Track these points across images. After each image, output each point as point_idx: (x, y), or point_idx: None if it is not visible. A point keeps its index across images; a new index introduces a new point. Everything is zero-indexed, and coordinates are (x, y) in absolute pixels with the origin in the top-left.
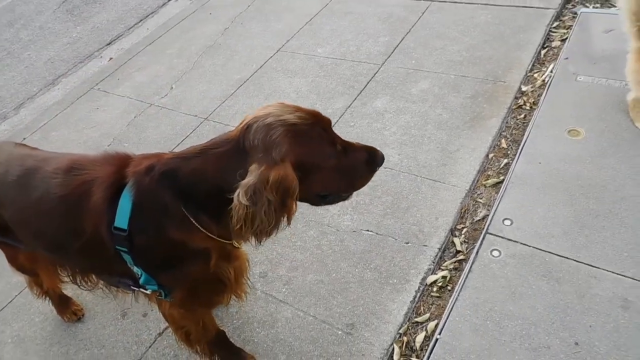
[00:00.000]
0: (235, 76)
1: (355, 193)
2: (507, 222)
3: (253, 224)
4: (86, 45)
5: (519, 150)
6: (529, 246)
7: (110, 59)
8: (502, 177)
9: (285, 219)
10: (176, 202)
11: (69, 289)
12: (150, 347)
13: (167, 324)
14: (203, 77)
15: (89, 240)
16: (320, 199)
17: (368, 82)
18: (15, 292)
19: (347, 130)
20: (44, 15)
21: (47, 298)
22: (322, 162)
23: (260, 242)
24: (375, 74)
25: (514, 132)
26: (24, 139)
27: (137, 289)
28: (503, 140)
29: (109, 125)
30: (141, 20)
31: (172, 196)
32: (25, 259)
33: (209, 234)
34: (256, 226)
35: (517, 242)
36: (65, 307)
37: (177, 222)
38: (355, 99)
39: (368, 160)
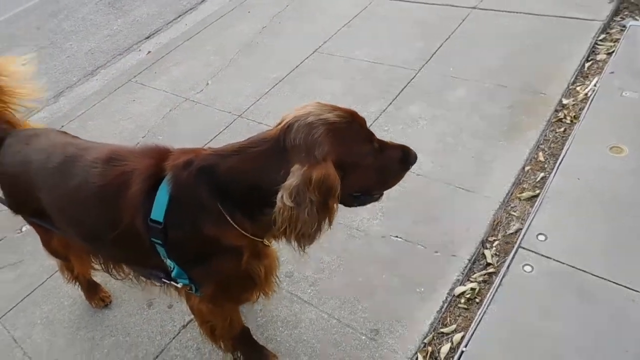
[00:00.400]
0: (271, 75)
1: (385, 197)
2: (541, 237)
3: (297, 226)
4: (126, 38)
5: (557, 165)
6: (564, 263)
7: (149, 52)
8: (537, 191)
9: (327, 221)
10: (212, 199)
11: (98, 276)
12: (174, 338)
13: (191, 317)
14: (238, 74)
15: (124, 231)
16: (353, 199)
17: (404, 87)
18: (47, 275)
19: (381, 134)
20: (87, 7)
21: (77, 283)
22: (361, 160)
23: (303, 247)
24: (411, 80)
25: (552, 145)
26: (62, 126)
27: (168, 282)
28: (540, 153)
29: (144, 118)
30: (180, 16)
31: (209, 192)
32: (58, 244)
33: (243, 232)
34: (299, 229)
35: (550, 258)
36: (94, 293)
37: (213, 219)
38: (391, 103)
39: (402, 159)
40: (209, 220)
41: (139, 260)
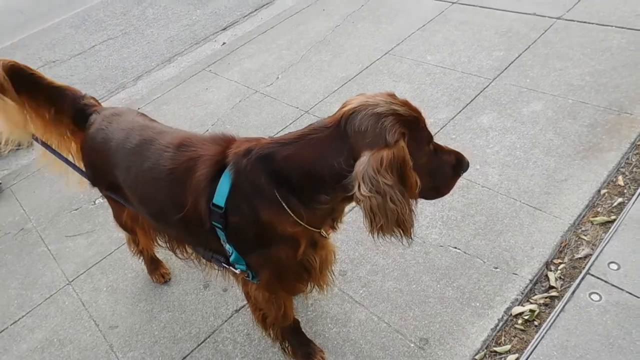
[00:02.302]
0: (340, 74)
1: (447, 207)
2: (614, 266)
3: (388, 214)
4: (203, 28)
5: (638, 191)
6: (637, 297)
7: (224, 43)
8: (613, 217)
9: (414, 198)
10: (270, 186)
11: (160, 253)
12: (226, 321)
13: (244, 303)
14: (309, 71)
15: (188, 213)
16: None
17: (476, 96)
18: (114, 247)
19: (448, 143)
20: None
21: (141, 257)
22: (418, 158)
23: (408, 235)
24: (484, 89)
25: (634, 170)
26: (139, 108)
27: (227, 266)
28: (620, 177)
29: (214, 106)
30: (256, 10)
31: (267, 179)
32: (128, 218)
33: (298, 219)
34: (392, 216)
35: (622, 289)
36: (155, 269)
37: (269, 205)
38: (460, 111)
39: (455, 165)
40: (266, 206)
41: (201, 243)
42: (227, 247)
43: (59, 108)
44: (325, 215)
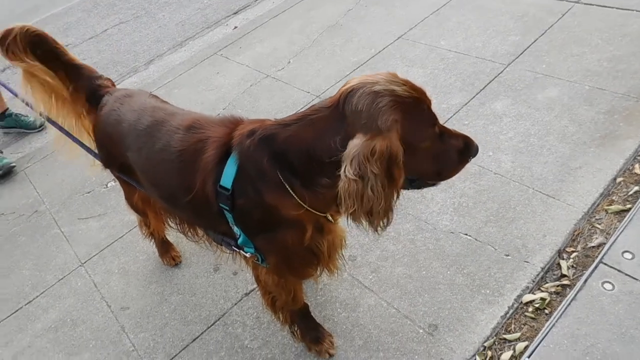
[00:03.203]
0: (352, 58)
1: (459, 193)
2: (628, 256)
3: (362, 201)
4: (215, 12)
5: None
6: None
7: (235, 27)
8: (628, 205)
9: (395, 196)
10: (272, 167)
11: (171, 236)
12: (235, 304)
13: (254, 286)
14: (320, 55)
15: (197, 195)
16: (407, 182)
17: (490, 82)
18: (126, 230)
19: (461, 128)
20: None
21: (152, 240)
22: (420, 142)
23: (376, 227)
24: (499, 74)
25: None
26: (150, 92)
27: (237, 250)
28: (637, 165)
29: (225, 90)
30: None
31: (269, 161)
32: (139, 199)
33: (300, 201)
34: (366, 205)
35: (636, 279)
36: (166, 252)
37: (273, 187)
38: (474, 97)
39: (462, 149)
40: (270, 188)
41: (210, 225)
42: (235, 229)
43: (76, 85)
44: (330, 200)
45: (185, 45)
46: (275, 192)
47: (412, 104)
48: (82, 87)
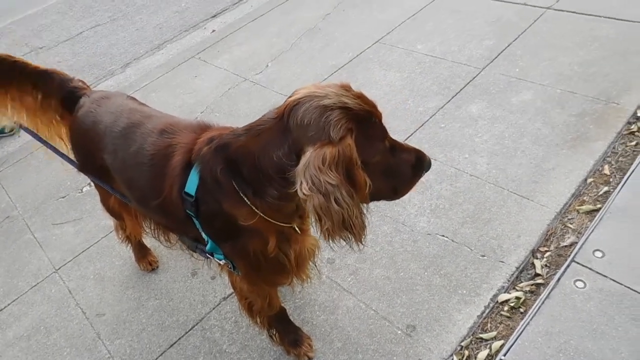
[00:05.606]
0: (330, 62)
1: (435, 195)
2: (598, 254)
3: (332, 216)
4: (193, 15)
5: (623, 180)
6: (621, 284)
7: (213, 31)
8: (599, 205)
9: (365, 199)
10: (227, 176)
11: (148, 241)
12: (214, 308)
13: (232, 291)
14: (299, 59)
15: (166, 199)
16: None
17: (465, 85)
18: (102, 235)
19: (437, 131)
20: None
21: (129, 244)
22: (370, 157)
23: (358, 240)
24: (474, 78)
25: (620, 159)
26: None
27: (211, 257)
28: (606, 167)
29: (204, 94)
30: None
31: (224, 170)
32: (115, 202)
33: (256, 210)
34: (337, 219)
35: (606, 277)
36: (143, 256)
37: (229, 195)
38: (450, 100)
39: (414, 164)
40: (226, 196)
41: (181, 230)
42: (204, 235)
43: (46, 93)
44: (291, 211)
45: (163, 49)
46: (231, 200)
47: (363, 118)
48: (53, 92)
